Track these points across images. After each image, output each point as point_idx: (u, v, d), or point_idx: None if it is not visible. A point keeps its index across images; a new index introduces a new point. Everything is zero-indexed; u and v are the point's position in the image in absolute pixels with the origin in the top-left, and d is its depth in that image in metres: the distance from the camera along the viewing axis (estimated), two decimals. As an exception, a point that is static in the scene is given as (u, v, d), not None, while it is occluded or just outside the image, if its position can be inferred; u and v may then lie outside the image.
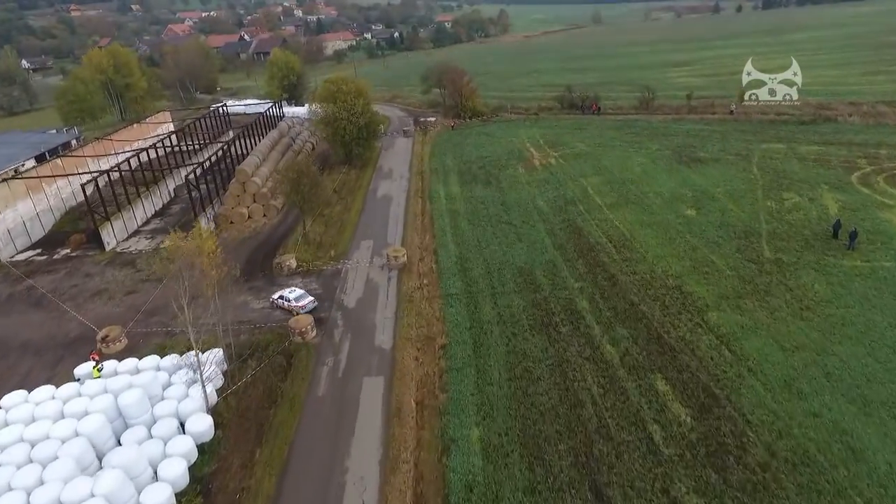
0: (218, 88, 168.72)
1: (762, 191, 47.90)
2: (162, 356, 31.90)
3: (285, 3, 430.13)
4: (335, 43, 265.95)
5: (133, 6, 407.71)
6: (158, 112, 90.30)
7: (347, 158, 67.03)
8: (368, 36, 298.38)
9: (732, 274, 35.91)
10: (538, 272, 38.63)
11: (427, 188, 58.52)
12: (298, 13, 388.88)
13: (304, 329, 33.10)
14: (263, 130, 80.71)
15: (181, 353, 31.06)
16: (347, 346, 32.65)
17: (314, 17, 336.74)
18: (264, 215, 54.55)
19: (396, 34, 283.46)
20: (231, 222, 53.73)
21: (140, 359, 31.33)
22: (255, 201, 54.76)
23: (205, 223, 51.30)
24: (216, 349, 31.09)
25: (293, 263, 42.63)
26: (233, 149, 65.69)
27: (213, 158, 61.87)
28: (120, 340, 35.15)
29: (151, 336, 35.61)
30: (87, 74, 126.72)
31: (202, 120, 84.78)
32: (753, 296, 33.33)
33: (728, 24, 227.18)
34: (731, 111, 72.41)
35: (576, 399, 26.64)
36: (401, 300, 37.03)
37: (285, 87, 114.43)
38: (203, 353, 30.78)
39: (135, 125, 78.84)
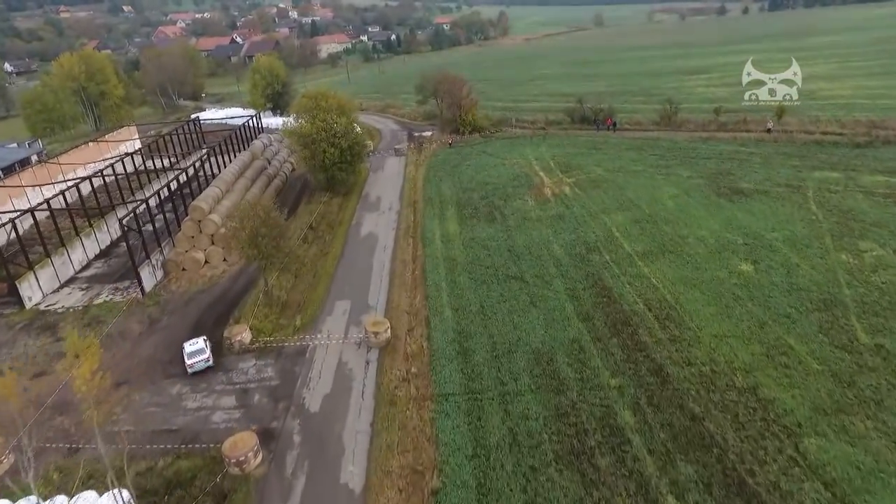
0: (203, 95, 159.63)
1: (830, 238, 38.85)
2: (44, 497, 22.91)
3: (280, 5, 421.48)
4: (330, 46, 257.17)
5: (124, 7, 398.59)
6: (122, 127, 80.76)
7: (329, 185, 57.91)
8: (364, 38, 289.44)
9: (822, 368, 26.85)
10: (561, 359, 29.56)
11: (419, 225, 49.44)
12: (293, 15, 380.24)
13: (242, 457, 24.01)
14: (239, 147, 71.73)
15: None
16: (302, 484, 23.55)
17: (308, 19, 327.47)
18: (224, 259, 45.51)
19: (393, 37, 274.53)
20: (183, 269, 44.66)
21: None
22: (213, 243, 45.71)
23: (147, 277, 42.17)
24: (116, 491, 22.07)
25: (246, 337, 33.56)
26: (204, 167, 56.75)
27: (175, 184, 52.93)
28: (1, 461, 26.11)
29: (46, 454, 26.45)
30: (57, 81, 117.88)
31: (174, 135, 75.79)
32: (861, 409, 24.27)
33: (737, 27, 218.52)
34: (769, 129, 63.40)
35: None
36: (380, 401, 27.94)
37: (269, 96, 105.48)
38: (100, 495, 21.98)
39: (90, 144, 69.65)
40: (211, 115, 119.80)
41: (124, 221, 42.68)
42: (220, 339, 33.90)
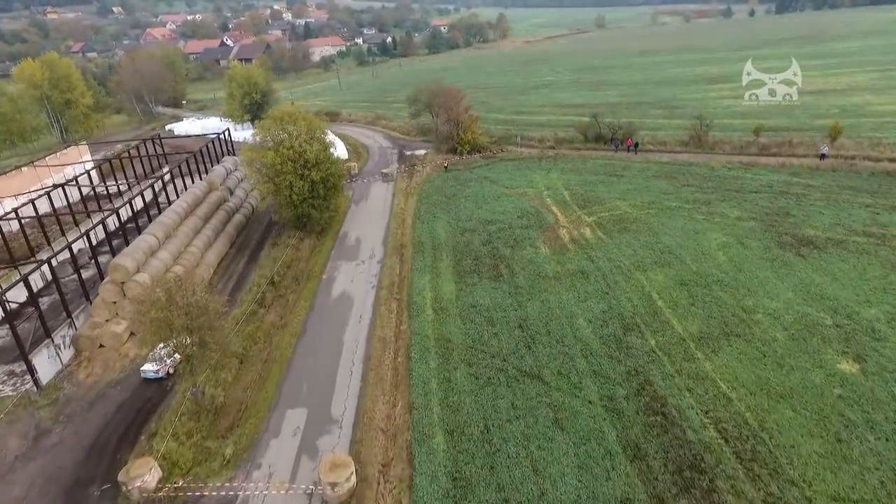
0: (184, 102, 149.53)
1: (954, 319, 29.05)
2: None
3: (275, 6, 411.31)
4: (323, 48, 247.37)
5: (114, 9, 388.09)
6: (68, 146, 70.55)
7: (300, 222, 47.90)
8: (359, 41, 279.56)
9: None
10: (608, 541, 19.64)
11: (407, 282, 39.41)
12: (287, 16, 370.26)
13: None
14: (206, 167, 61.76)
15: None
16: None
17: (302, 21, 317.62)
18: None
19: (389, 39, 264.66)
20: (101, 346, 34.63)
21: None
22: (140, 311, 35.62)
23: (45, 362, 32.10)
24: None
25: (151, 479, 23.53)
26: (165, 191, 46.74)
27: (115, 220, 43.04)
28: None
29: None
30: (17, 89, 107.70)
31: (125, 157, 65.74)
32: None
33: (748, 30, 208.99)
34: (823, 155, 53.55)
35: None
36: None
37: (247, 106, 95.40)
38: None
39: (24, 168, 59.42)
40: (186, 126, 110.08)
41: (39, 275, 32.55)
42: (117, 478, 23.89)
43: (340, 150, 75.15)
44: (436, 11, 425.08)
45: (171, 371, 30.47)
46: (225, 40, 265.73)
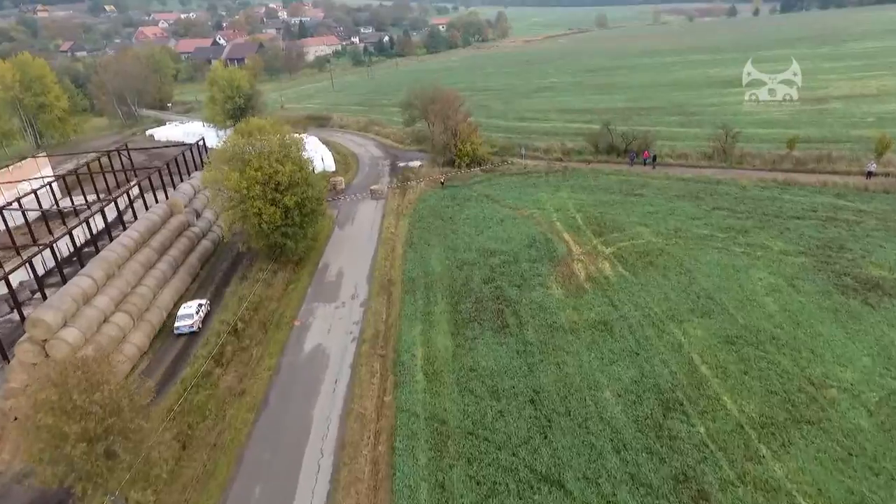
0: (169, 105, 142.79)
1: None
2: None
3: (271, 4, 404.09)
4: (318, 48, 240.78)
5: (106, 7, 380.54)
6: (23, 159, 63.84)
7: (273, 253, 41.41)
8: (356, 40, 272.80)
9: None
10: None
11: (394, 334, 32.96)
12: (283, 15, 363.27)
13: None
14: (178, 180, 55.37)
15: None
16: None
17: (296, 20, 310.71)
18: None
19: (386, 38, 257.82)
20: (15, 419, 28.13)
21: None
22: (67, 374, 29.13)
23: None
24: None
25: None
26: (132, 208, 40.25)
27: (62, 248, 36.66)
28: None
29: None
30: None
31: (100, 165, 59.30)
32: None
33: (756, 30, 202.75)
34: (870, 173, 47.17)
35: None
36: None
37: (230, 111, 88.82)
38: None
39: (-33, 185, 52.98)
40: (168, 131, 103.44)
41: None
42: None
43: (328, 161, 68.81)
44: (434, 10, 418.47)
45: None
46: (217, 39, 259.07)
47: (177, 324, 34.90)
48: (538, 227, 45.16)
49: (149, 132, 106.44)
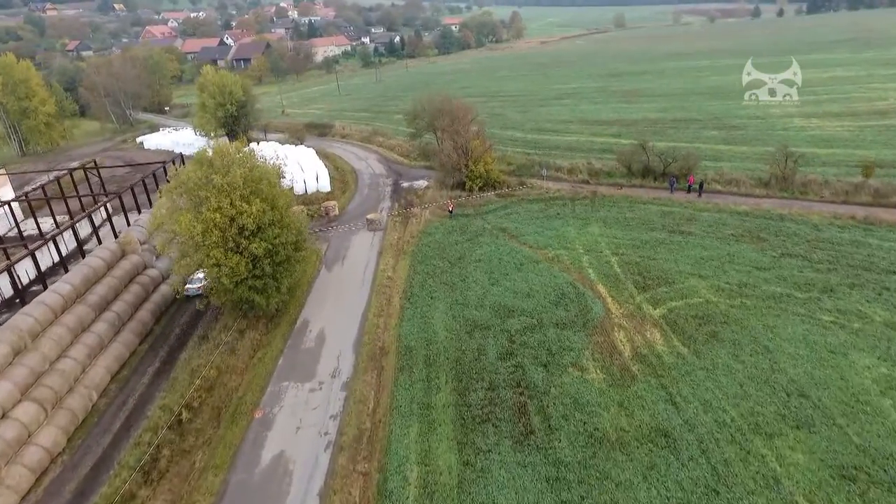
0: (167, 108, 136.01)
1: None
2: None
3: (281, 4, 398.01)
4: (327, 48, 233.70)
5: (115, 6, 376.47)
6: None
7: (241, 307, 33.58)
8: (366, 40, 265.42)
9: None
10: None
11: (381, 439, 24.93)
12: (294, 14, 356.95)
13: None
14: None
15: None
16: None
17: (306, 19, 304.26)
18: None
19: (397, 38, 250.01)
20: None
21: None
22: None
23: None
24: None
25: None
26: (97, 233, 32.79)
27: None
28: None
29: None
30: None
31: (60, 187, 51.92)
32: None
33: (783, 32, 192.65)
34: (975, 210, 38.53)
35: None
36: None
37: (221, 119, 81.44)
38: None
39: None
40: (158, 138, 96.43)
41: None
42: None
43: (323, 180, 61.01)
44: (447, 10, 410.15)
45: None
46: (225, 39, 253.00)
47: (187, 285, 36.51)
48: (566, 273, 36.95)
49: (139, 139, 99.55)
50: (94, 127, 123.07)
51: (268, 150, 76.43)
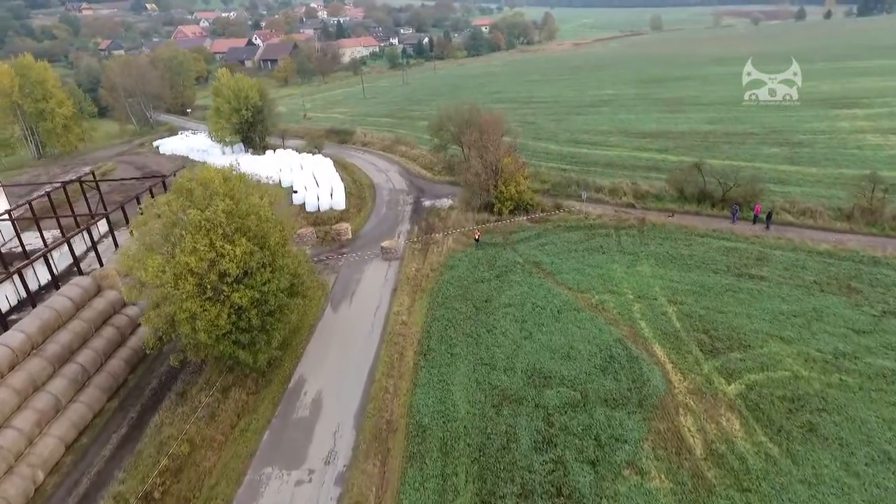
0: (188, 110, 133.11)
1: None
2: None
3: (311, 4, 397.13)
4: (355, 49, 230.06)
5: (147, 5, 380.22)
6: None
7: (226, 362, 28.24)
8: (394, 41, 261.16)
9: None
10: None
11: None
12: (323, 14, 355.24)
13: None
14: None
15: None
16: None
17: (334, 20, 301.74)
18: None
19: (426, 40, 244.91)
20: None
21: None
22: None
23: None
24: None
25: None
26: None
27: None
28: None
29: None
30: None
31: (49, 201, 47.66)
32: None
33: (835, 35, 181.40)
34: None
35: None
36: None
37: (236, 125, 77.01)
38: None
39: None
40: (175, 143, 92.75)
41: None
42: None
43: (338, 196, 55.72)
44: (478, 10, 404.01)
45: None
46: (253, 39, 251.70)
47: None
48: (614, 329, 30.72)
49: (156, 143, 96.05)
50: (114, 128, 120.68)
51: (284, 159, 72.10)
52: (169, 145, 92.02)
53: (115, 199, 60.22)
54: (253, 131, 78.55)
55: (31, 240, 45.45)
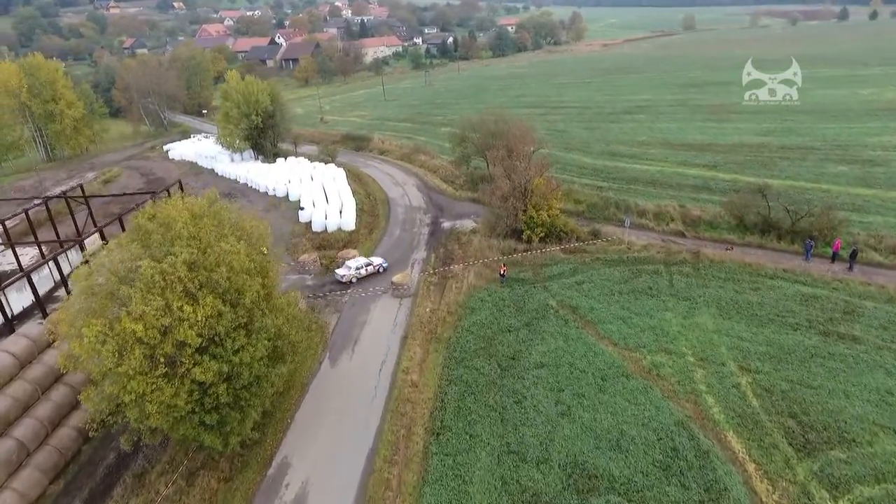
0: (204, 112, 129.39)
1: None
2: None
3: (336, 3, 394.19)
4: (378, 49, 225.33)
5: (175, 4, 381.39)
6: None
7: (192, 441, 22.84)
8: (418, 41, 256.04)
9: None
10: None
11: None
12: (347, 13, 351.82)
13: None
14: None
15: None
16: None
17: (358, 19, 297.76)
18: None
19: (450, 39, 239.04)
20: None
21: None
22: None
23: None
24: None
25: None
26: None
27: None
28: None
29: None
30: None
31: (30, 219, 43.20)
32: None
33: (883, 37, 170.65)
34: None
35: None
36: None
37: (246, 131, 72.14)
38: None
39: None
40: (184, 147, 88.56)
41: None
42: None
43: (347, 214, 50.27)
44: (504, 10, 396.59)
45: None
46: (276, 38, 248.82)
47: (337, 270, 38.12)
48: (673, 405, 24.57)
49: (166, 147, 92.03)
50: (127, 129, 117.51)
51: (295, 169, 67.11)
52: (178, 150, 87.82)
53: (113, 210, 55.80)
54: (263, 137, 73.62)
55: (6, 266, 40.79)
